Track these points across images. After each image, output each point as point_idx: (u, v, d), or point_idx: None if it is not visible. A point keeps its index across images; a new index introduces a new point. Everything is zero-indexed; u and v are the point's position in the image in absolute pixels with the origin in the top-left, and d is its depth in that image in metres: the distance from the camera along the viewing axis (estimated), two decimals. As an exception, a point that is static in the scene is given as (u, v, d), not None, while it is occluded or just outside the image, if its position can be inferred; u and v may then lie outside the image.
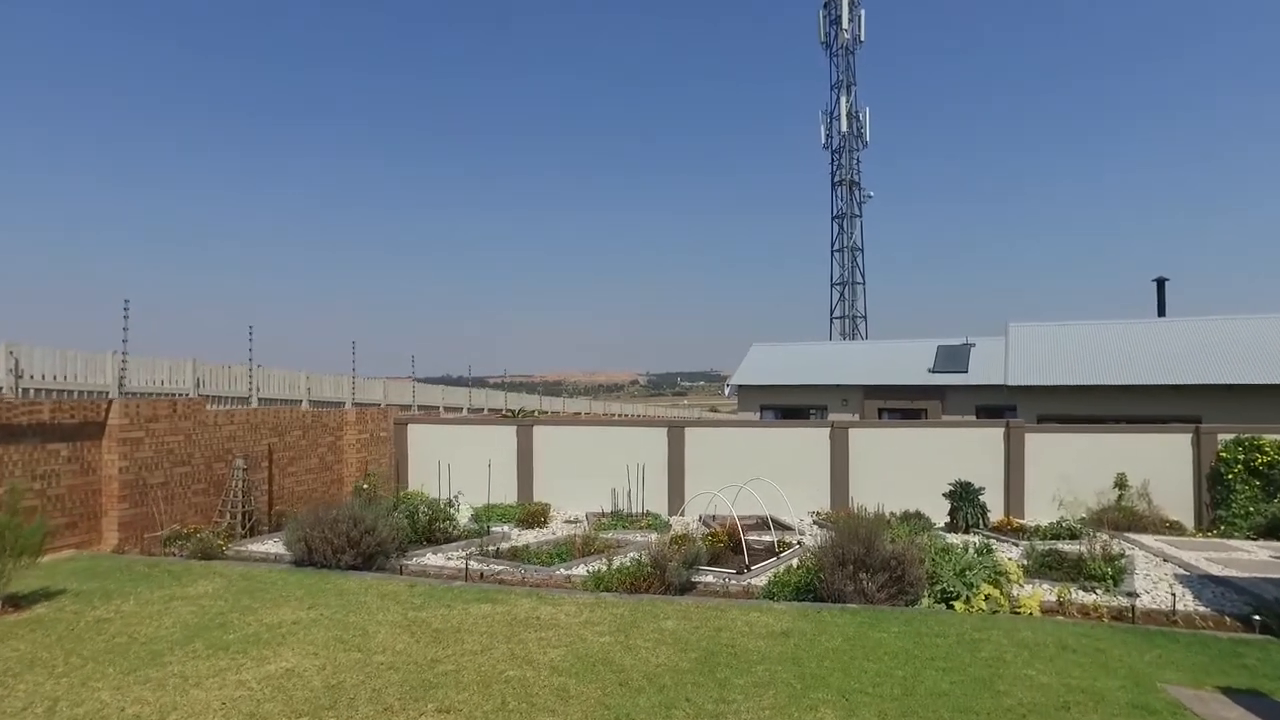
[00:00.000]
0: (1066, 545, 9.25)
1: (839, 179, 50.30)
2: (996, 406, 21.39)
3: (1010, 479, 12.27)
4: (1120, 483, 11.81)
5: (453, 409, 23.63)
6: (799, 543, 9.76)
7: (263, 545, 9.96)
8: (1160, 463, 11.81)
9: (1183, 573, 8.51)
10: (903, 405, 24.52)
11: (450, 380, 26.25)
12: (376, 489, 12.71)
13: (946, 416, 23.23)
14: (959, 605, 6.72)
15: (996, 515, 11.72)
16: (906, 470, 12.47)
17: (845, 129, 49.47)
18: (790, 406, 26.17)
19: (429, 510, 10.40)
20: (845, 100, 49.37)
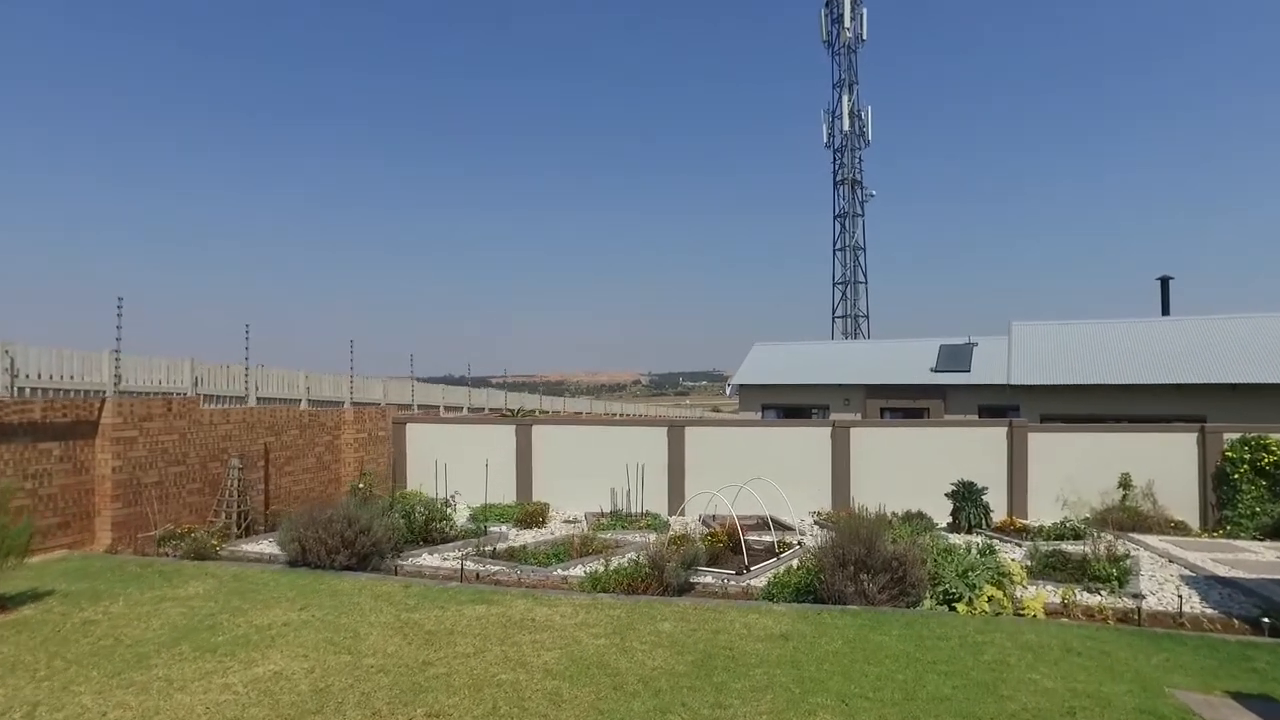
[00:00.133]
0: (1070, 546, 9.14)
1: (841, 178, 50.13)
2: (999, 406, 21.23)
3: (1013, 479, 12.15)
4: (1124, 483, 11.68)
5: (453, 408, 23.54)
6: (799, 543, 9.64)
7: (258, 545, 9.86)
8: (1165, 462, 11.68)
9: (1189, 574, 8.38)
10: (905, 405, 24.39)
11: (452, 380, 26.15)
12: (372, 488, 12.62)
13: (949, 416, 23.10)
14: (961, 607, 6.61)
15: (999, 515, 11.61)
16: (908, 470, 12.35)
17: (847, 128, 49.31)
18: (792, 406, 26.04)
19: (425, 510, 10.28)
20: (847, 99, 49.22)
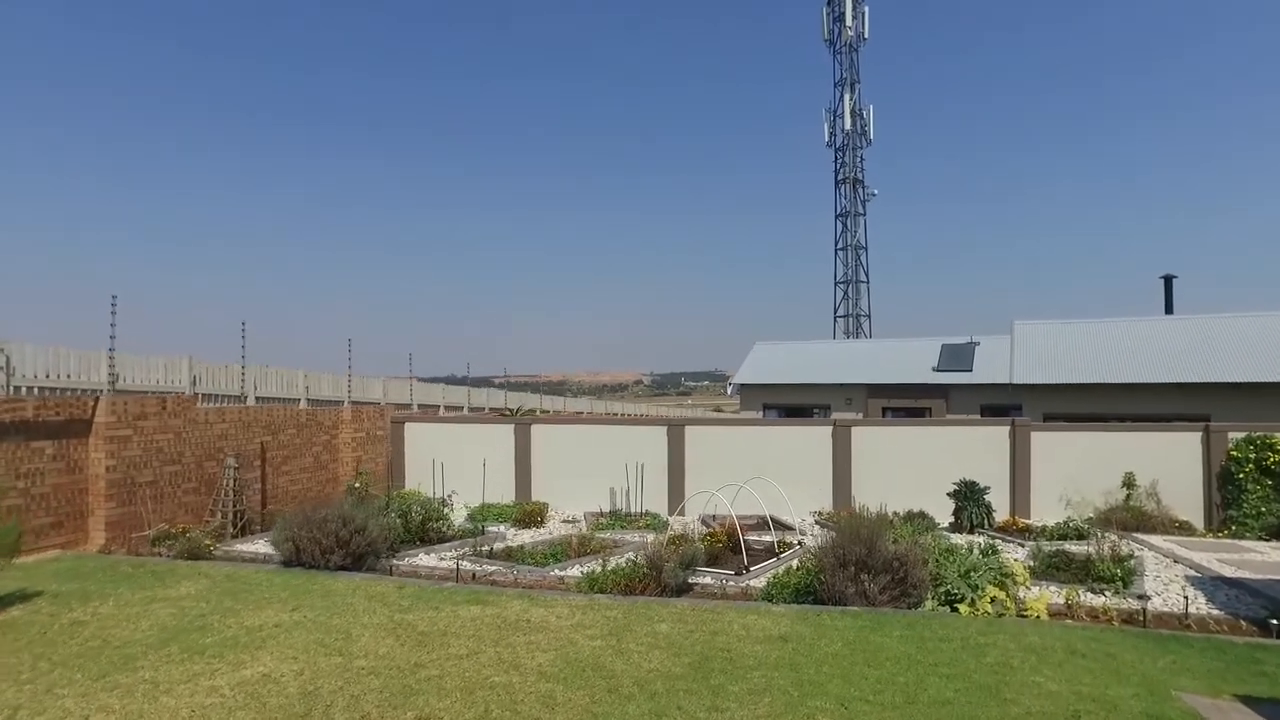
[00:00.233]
0: (1074, 546, 9.03)
1: (842, 177, 49.98)
2: (1001, 405, 21.12)
3: (1016, 478, 12.04)
4: (1128, 482, 11.56)
5: (453, 408, 23.48)
6: (800, 543, 9.54)
7: (253, 545, 9.78)
8: (1169, 462, 11.57)
9: (1194, 574, 8.27)
10: (907, 404, 24.27)
11: (454, 380, 26.08)
12: (368, 487, 12.53)
13: (951, 415, 22.98)
14: (964, 608, 6.50)
15: (1002, 515, 11.50)
16: (910, 469, 12.24)
17: (849, 126, 49.16)
18: (793, 405, 25.93)
19: (422, 509, 10.19)
20: (849, 98, 49.08)
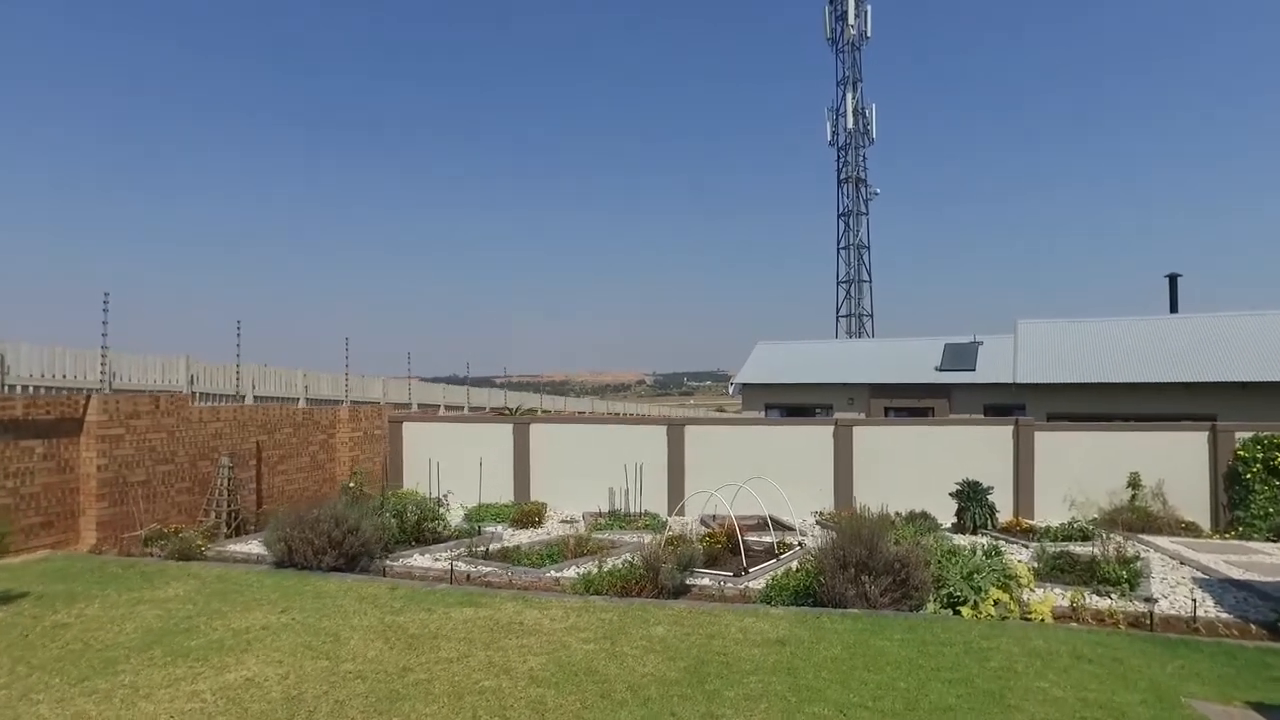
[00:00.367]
0: (1078, 547, 8.88)
1: (845, 176, 49.75)
2: (1005, 405, 20.91)
3: (1019, 478, 11.88)
4: (1134, 482, 11.41)
5: (453, 408, 23.38)
6: (800, 544, 9.40)
7: (246, 545, 9.66)
8: (1175, 462, 11.41)
9: (1202, 576, 8.12)
10: (909, 404, 24.10)
11: (455, 380, 25.98)
12: (363, 487, 12.40)
13: (954, 415, 22.81)
14: (966, 611, 6.37)
15: (1005, 515, 11.35)
16: (912, 469, 12.10)
17: (851, 125, 48.91)
18: (795, 405, 25.77)
19: (418, 509, 10.07)
20: (851, 96, 48.85)
